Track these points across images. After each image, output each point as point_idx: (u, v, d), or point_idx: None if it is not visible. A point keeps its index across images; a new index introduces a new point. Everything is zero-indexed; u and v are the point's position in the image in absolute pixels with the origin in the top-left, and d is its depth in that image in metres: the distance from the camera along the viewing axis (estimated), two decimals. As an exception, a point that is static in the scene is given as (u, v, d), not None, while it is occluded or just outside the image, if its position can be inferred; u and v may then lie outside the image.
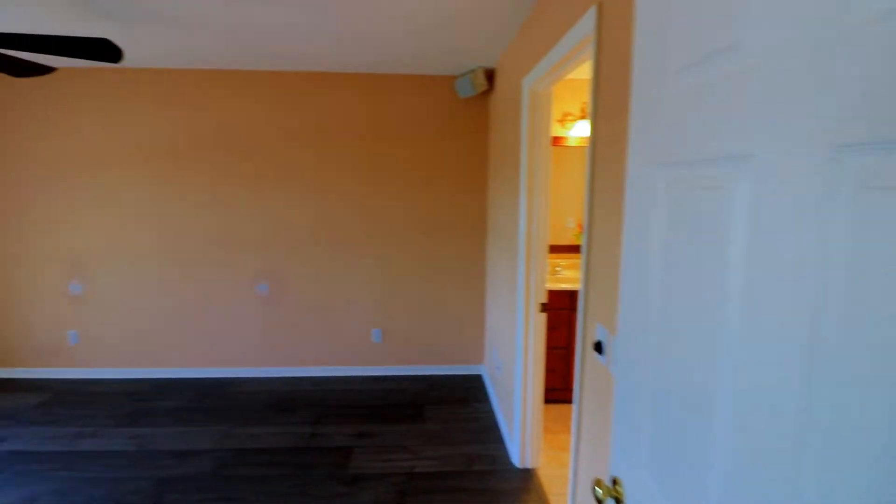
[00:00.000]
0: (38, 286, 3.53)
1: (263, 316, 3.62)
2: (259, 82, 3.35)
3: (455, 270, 3.61)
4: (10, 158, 3.37)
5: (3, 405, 3.20)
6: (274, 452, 2.65)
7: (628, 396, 0.93)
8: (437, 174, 3.50)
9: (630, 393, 0.92)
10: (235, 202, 3.48)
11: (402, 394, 3.38)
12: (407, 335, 3.67)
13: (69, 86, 3.31)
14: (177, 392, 3.42)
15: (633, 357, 0.91)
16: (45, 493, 2.30)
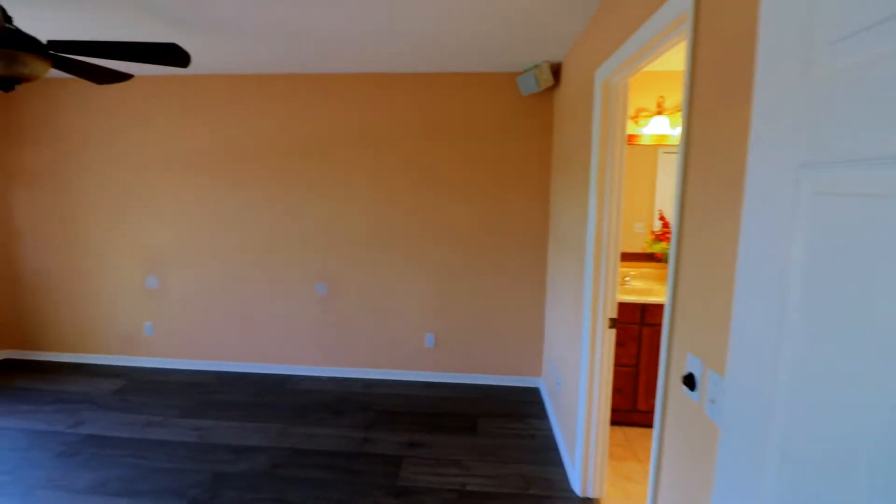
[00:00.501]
0: (119, 280, 3.79)
1: (320, 316, 3.65)
2: (319, 86, 3.37)
3: (513, 276, 3.43)
4: (98, 163, 3.64)
5: (86, 389, 3.45)
6: (326, 455, 2.63)
7: (743, 457, 0.73)
8: (496, 175, 3.35)
9: (746, 453, 0.72)
10: (296, 203, 3.53)
11: (454, 403, 3.26)
12: (461, 342, 3.55)
13: (145, 93, 3.51)
14: (238, 386, 3.52)
15: (752, 408, 0.71)
16: (114, 479, 2.41)
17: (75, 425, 2.93)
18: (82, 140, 3.64)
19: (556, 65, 3.06)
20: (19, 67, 1.75)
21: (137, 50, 1.88)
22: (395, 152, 3.40)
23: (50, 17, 2.25)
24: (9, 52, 1.69)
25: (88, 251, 3.79)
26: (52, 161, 3.70)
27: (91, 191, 3.70)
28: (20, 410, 3.11)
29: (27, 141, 3.69)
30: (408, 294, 3.53)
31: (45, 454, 2.62)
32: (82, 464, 2.54)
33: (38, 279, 3.88)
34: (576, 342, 2.40)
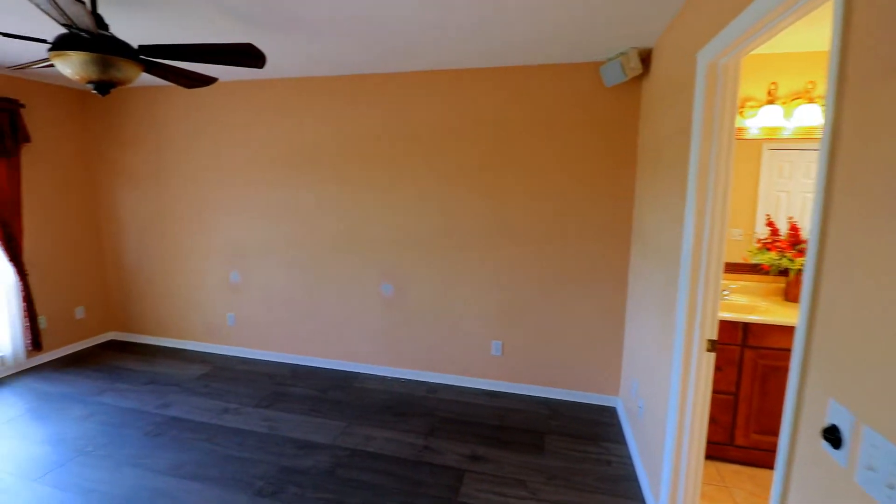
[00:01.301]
0: (207, 273, 4.06)
1: (386, 316, 3.63)
2: (391, 85, 3.34)
3: (589, 283, 3.16)
4: (188, 164, 3.93)
5: (174, 372, 3.72)
6: (387, 460, 2.57)
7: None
8: (574, 174, 3.10)
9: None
10: (366, 203, 3.53)
11: (520, 416, 3.07)
12: (529, 351, 3.34)
13: (230, 97, 3.71)
14: (308, 379, 3.61)
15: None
16: (190, 463, 2.53)
17: (162, 406, 3.16)
18: (175, 143, 3.94)
19: (646, 51, 2.75)
20: (114, 72, 1.86)
21: (217, 51, 1.92)
22: (466, 151, 3.27)
23: (140, 25, 2.40)
24: (105, 57, 1.80)
25: (181, 245, 4.10)
26: (150, 163, 4.05)
27: (182, 190, 4.00)
28: (118, 388, 3.43)
29: (131, 145, 4.08)
30: (475, 298, 3.39)
31: (135, 432, 2.83)
32: (164, 445, 2.70)
33: (139, 269, 4.28)
34: (664, 363, 2.11)
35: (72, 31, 1.74)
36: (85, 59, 1.79)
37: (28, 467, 2.47)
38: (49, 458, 2.56)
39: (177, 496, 2.26)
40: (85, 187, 4.20)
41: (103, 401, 3.22)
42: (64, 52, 1.77)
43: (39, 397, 3.27)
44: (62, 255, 4.02)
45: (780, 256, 2.79)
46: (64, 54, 1.78)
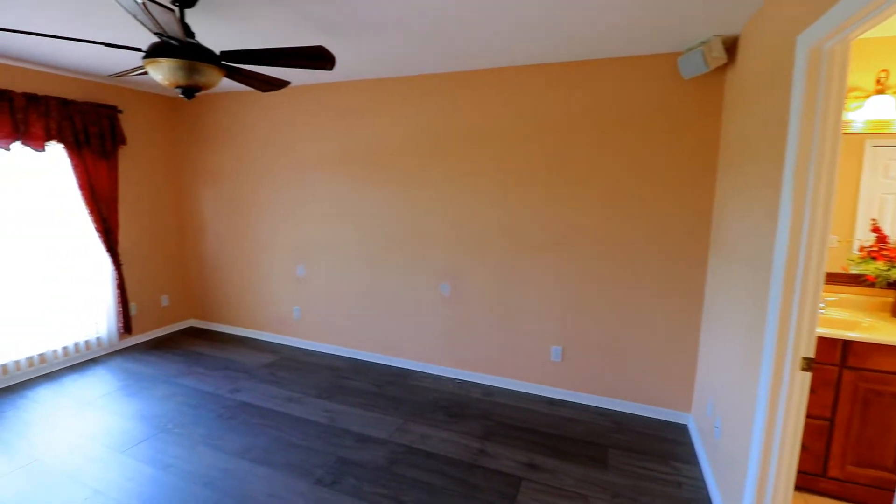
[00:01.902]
0: (276, 267, 4.28)
1: (443, 315, 3.62)
2: (451, 84, 3.32)
3: (660, 290, 2.96)
4: (260, 164, 4.15)
5: (245, 360, 3.95)
6: (442, 460, 2.56)
7: None
8: (645, 172, 2.91)
9: None
10: (427, 202, 3.55)
11: (581, 426, 2.94)
12: (592, 359, 3.19)
13: (297, 101, 3.86)
14: (366, 374, 3.69)
15: None
16: (257, 448, 2.66)
17: (234, 392, 3.36)
18: (250, 145, 4.18)
19: (731, 38, 2.52)
20: (198, 77, 1.98)
21: (291, 54, 1.99)
22: (531, 150, 3.18)
23: (220, 32, 2.55)
24: (191, 63, 1.92)
25: (253, 240, 4.35)
26: (227, 163, 4.33)
27: (255, 188, 4.23)
28: (195, 372, 3.69)
29: (211, 147, 4.38)
30: (535, 301, 3.30)
31: (209, 414, 3.03)
32: (235, 428, 2.87)
33: (216, 261, 4.59)
34: (749, 381, 1.92)
35: (163, 39, 1.87)
36: (174, 65, 1.92)
37: (117, 440, 2.72)
38: (135, 432, 2.80)
39: (245, 478, 2.39)
40: (171, 185, 4.57)
41: (183, 383, 3.48)
42: (156, 59, 1.91)
43: (129, 376, 3.60)
44: (150, 247, 4.40)
45: (888, 267, 2.46)
46: (156, 61, 1.92)
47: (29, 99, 3.27)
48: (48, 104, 3.39)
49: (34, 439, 2.71)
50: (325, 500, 2.23)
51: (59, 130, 3.46)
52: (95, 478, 2.37)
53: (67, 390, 3.34)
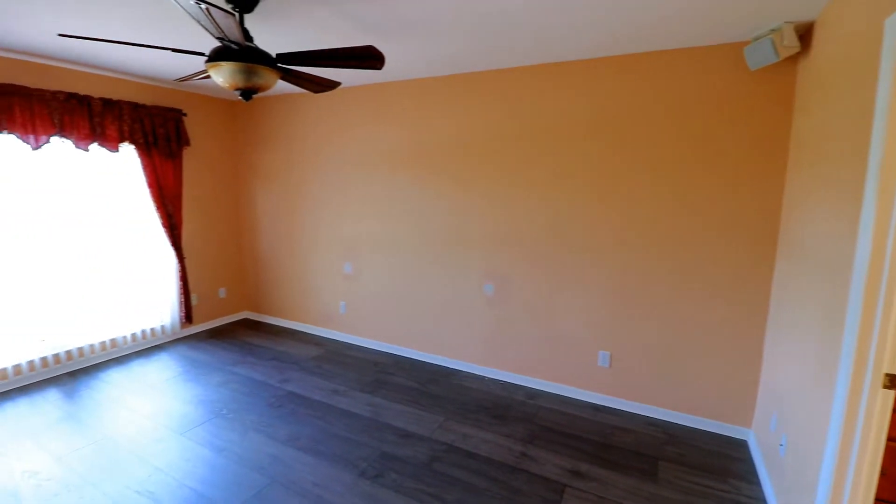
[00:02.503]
0: (324, 263, 4.41)
1: (487, 315, 3.59)
2: (496, 83, 3.28)
3: (719, 295, 2.78)
4: (310, 164, 4.28)
5: (294, 352, 4.10)
6: (484, 461, 2.53)
7: None
8: (706, 169, 2.74)
9: None
10: (473, 201, 3.53)
11: (629, 435, 2.82)
12: (643, 366, 3.05)
13: (346, 102, 3.95)
14: (409, 371, 3.73)
15: None
16: (304, 436, 2.75)
17: (283, 382, 3.49)
18: (301, 145, 4.33)
19: (804, 25, 2.33)
20: (256, 79, 2.07)
21: (342, 55, 2.04)
22: (583, 147, 3.08)
23: (277, 35, 2.64)
24: (249, 65, 2.00)
25: (303, 236, 4.50)
26: (280, 163, 4.51)
27: (306, 187, 4.38)
28: (248, 361, 3.87)
29: (265, 147, 4.57)
30: (583, 304, 3.20)
31: (260, 402, 3.17)
32: (284, 416, 2.98)
33: (269, 256, 4.79)
34: (821, 398, 1.76)
35: (224, 44, 1.96)
36: (233, 68, 2.01)
37: (177, 422, 2.90)
38: (193, 416, 2.97)
39: (291, 465, 2.47)
40: (228, 184, 4.81)
41: (236, 371, 3.66)
42: (217, 62, 2.01)
43: (188, 363, 3.82)
44: (210, 242, 4.66)
45: None
46: (217, 65, 2.01)
47: (105, 103, 3.55)
48: (122, 108, 3.66)
49: (105, 418, 2.94)
50: (369, 493, 2.26)
51: (130, 132, 3.73)
52: (157, 456, 2.54)
53: (135, 374, 3.60)
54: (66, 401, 3.15)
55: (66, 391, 3.28)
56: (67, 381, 3.43)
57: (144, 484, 2.31)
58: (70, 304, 3.60)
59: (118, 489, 2.27)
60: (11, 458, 2.49)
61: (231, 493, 2.24)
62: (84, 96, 3.42)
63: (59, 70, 3.35)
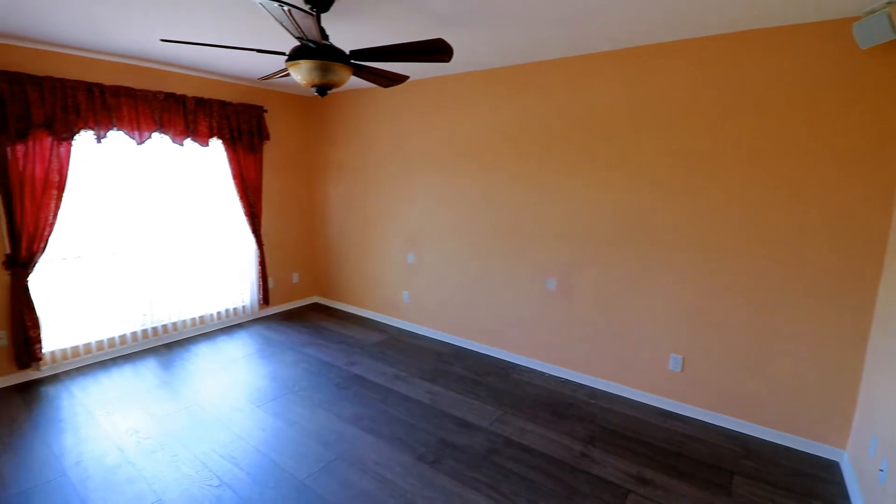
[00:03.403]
0: (389, 253, 4.55)
1: (549, 311, 3.52)
2: (560, 71, 3.16)
3: (815, 300, 2.51)
4: (378, 157, 4.41)
5: (359, 337, 4.28)
6: (542, 457, 2.50)
7: None
8: (804, 160, 2.47)
9: None
10: (537, 194, 3.46)
11: (701, 445, 2.65)
12: (719, 372, 2.84)
13: (410, 96, 4.00)
14: (467, 362, 3.76)
15: None
16: (367, 417, 2.88)
17: (349, 364, 3.66)
18: (369, 138, 4.47)
19: (936, -6, 2.01)
20: (331, 76, 2.16)
21: (412, 49, 2.07)
22: (652, 140, 2.91)
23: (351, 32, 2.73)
24: (325, 63, 2.10)
25: (370, 227, 4.67)
26: (349, 155, 4.69)
27: (373, 179, 4.52)
28: (317, 343, 4.10)
29: (335, 141, 4.77)
30: (654, 303, 3.03)
31: (327, 382, 3.35)
32: (349, 397, 3.13)
33: (339, 245, 5.03)
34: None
35: (303, 43, 2.07)
36: (311, 66, 2.11)
37: (255, 395, 3.14)
38: (268, 390, 3.21)
39: (354, 443, 2.60)
40: (302, 176, 5.09)
41: (307, 352, 3.90)
42: (296, 61, 2.12)
43: (264, 341, 4.13)
44: (285, 230, 4.98)
45: None
46: (296, 63, 2.13)
47: (197, 102, 3.89)
48: (212, 106, 3.99)
49: (195, 386, 3.27)
50: (427, 476, 2.33)
51: (219, 128, 4.06)
52: (237, 424, 2.78)
53: (219, 348, 3.96)
54: (162, 369, 3.53)
55: (162, 361, 3.68)
56: (163, 352, 3.85)
57: (227, 448, 2.54)
58: (167, 284, 4.01)
59: (204, 451, 2.51)
60: (118, 416, 2.85)
61: (300, 464, 2.41)
62: (180, 96, 3.76)
63: (159, 72, 3.71)
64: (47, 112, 3.06)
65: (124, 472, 2.33)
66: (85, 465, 2.36)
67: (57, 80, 3.08)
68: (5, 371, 3.20)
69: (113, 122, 3.38)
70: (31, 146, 3.05)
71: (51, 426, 2.72)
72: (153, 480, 2.27)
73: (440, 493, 2.21)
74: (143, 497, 2.15)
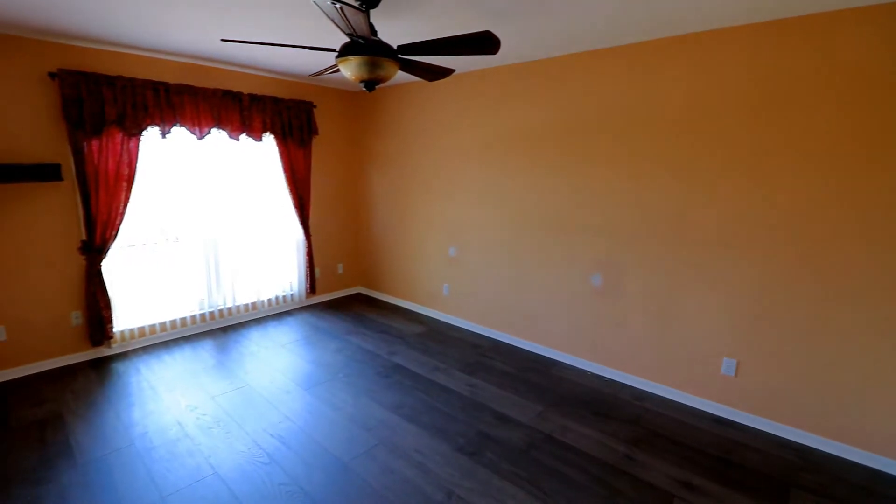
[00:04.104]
0: (431, 245, 4.59)
1: (593, 307, 3.44)
2: (615, 61, 3.04)
3: (877, 300, 2.31)
4: (420, 150, 4.44)
5: (400, 327, 4.36)
6: (583, 456, 2.47)
7: None
8: (875, 150, 2.27)
9: None
10: (582, 188, 3.38)
11: (755, 455, 2.52)
12: (778, 379, 2.68)
13: (452, 88, 3.98)
14: (507, 356, 3.75)
15: None
16: (407, 406, 2.94)
17: (390, 354, 3.74)
18: (412, 132, 4.50)
19: None
20: (380, 71, 2.19)
21: (459, 42, 2.06)
22: (703, 134, 2.76)
23: (400, 27, 2.75)
24: (374, 58, 2.13)
25: (412, 219, 4.72)
26: (393, 150, 4.75)
27: (415, 171, 4.56)
28: (360, 332, 4.22)
29: (380, 135, 4.85)
30: (706, 303, 2.90)
31: (370, 370, 3.44)
32: (390, 386, 3.20)
33: (382, 237, 5.13)
34: None
35: (353, 39, 2.11)
36: (360, 61, 2.15)
37: (302, 379, 3.28)
38: (315, 375, 3.34)
39: (396, 430, 2.66)
40: (348, 169, 5.22)
41: (351, 340, 4.02)
42: (346, 57, 2.17)
43: (311, 328, 4.29)
44: (331, 222, 5.13)
45: None
46: (346, 59, 2.17)
47: (252, 99, 4.06)
48: (265, 102, 4.15)
49: (247, 368, 3.45)
50: (466, 467, 2.35)
51: (272, 124, 4.23)
52: (285, 406, 2.91)
53: (270, 333, 4.15)
54: (218, 351, 3.75)
55: (218, 343, 3.91)
56: (219, 335, 4.08)
57: (276, 428, 2.67)
58: (223, 271, 4.24)
59: (256, 429, 2.65)
60: (178, 393, 3.05)
61: (345, 448, 2.49)
62: (236, 93, 3.94)
63: (217, 70, 3.91)
64: (119, 110, 3.29)
65: (184, 445, 2.50)
66: (150, 437, 2.56)
67: (127, 79, 3.31)
68: (81, 348, 3.50)
69: (176, 118, 3.60)
70: (105, 141, 3.30)
71: (120, 399, 2.96)
72: (209, 454, 2.42)
73: (479, 484, 2.23)
74: (201, 469, 2.30)
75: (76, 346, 3.48)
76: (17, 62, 2.99)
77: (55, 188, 3.23)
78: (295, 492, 2.16)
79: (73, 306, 3.42)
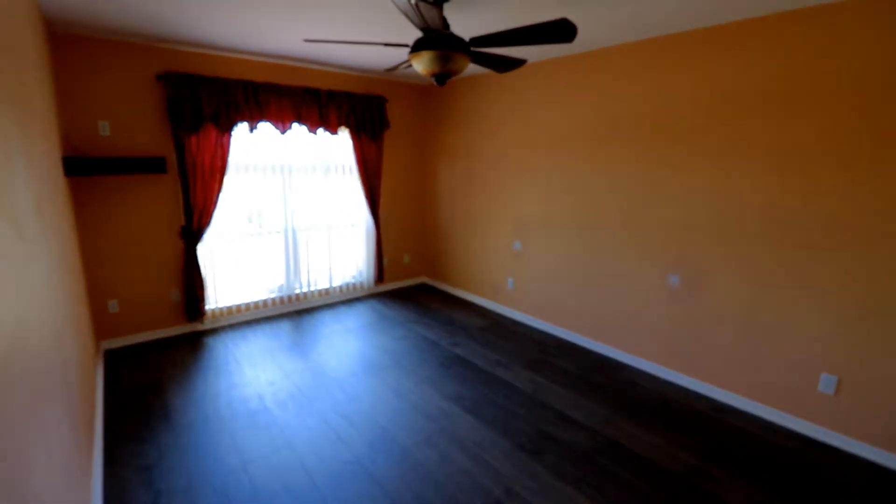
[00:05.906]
0: (495, 239, 4.56)
1: (668, 310, 3.23)
2: (690, 47, 2.78)
3: None
4: (488, 143, 4.39)
5: (463, 319, 4.39)
6: (650, 468, 2.34)
7: None
8: None
9: None
10: (659, 182, 3.16)
11: (854, 483, 2.24)
12: (887, 400, 2.36)
13: (523, 80, 3.88)
14: (572, 355, 3.64)
15: None
16: (467, 398, 2.96)
17: (452, 345, 3.79)
18: (479, 125, 4.47)
19: None
20: (451, 64, 2.20)
21: (534, 32, 2.01)
22: (800, 124, 2.45)
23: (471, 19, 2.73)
24: (445, 52, 2.14)
25: (478, 212, 4.71)
26: (461, 143, 4.75)
27: (482, 166, 4.53)
28: (424, 322, 4.30)
29: (448, 128, 4.86)
30: (801, 311, 2.61)
31: (432, 359, 3.51)
32: (451, 376, 3.25)
33: (447, 229, 5.18)
34: None
35: (426, 34, 2.13)
36: (432, 55, 2.17)
37: (368, 363, 3.42)
38: (380, 360, 3.47)
39: (456, 420, 2.69)
40: (417, 163, 5.31)
41: (414, 329, 4.12)
42: (418, 52, 2.19)
43: (378, 315, 4.45)
44: (399, 213, 5.26)
45: None
46: (419, 54, 2.20)
47: (329, 95, 4.25)
48: (341, 98, 4.33)
49: (318, 349, 3.66)
50: (527, 466, 2.33)
51: (346, 119, 4.41)
52: (352, 387, 3.06)
53: (340, 318, 4.37)
54: (293, 332, 4.01)
55: (293, 325, 4.18)
56: (295, 317, 4.37)
57: (343, 408, 2.82)
58: (300, 257, 4.52)
59: (325, 407, 2.82)
60: (259, 369, 3.32)
61: (406, 432, 2.57)
62: (315, 90, 4.15)
63: (299, 69, 4.13)
64: (214, 108, 3.60)
65: (263, 417, 2.71)
66: (234, 407, 2.81)
67: (220, 80, 3.61)
68: (178, 322, 3.92)
69: (263, 114, 3.87)
70: (202, 137, 3.63)
71: (210, 371, 3.27)
72: (284, 427, 2.61)
73: (539, 484, 2.20)
74: (276, 441, 2.49)
75: (174, 320, 3.90)
76: (133, 66, 3.37)
77: (160, 179, 3.62)
78: (359, 471, 2.26)
79: (172, 285, 3.83)
